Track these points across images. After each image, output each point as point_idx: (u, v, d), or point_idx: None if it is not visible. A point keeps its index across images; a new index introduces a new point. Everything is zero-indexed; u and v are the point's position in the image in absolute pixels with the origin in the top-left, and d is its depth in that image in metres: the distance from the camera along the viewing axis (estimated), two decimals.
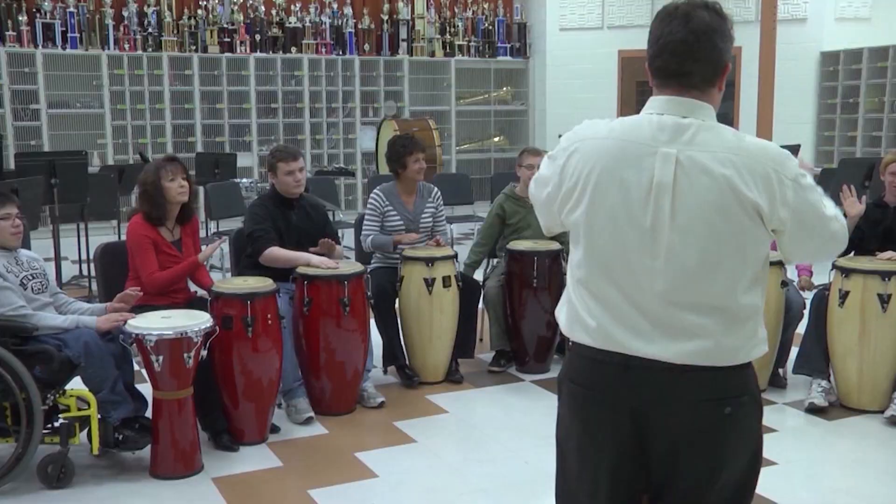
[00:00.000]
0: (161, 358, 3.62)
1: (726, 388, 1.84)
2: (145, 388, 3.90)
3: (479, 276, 5.40)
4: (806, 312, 4.76)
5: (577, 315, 1.91)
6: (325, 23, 11.63)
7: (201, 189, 8.59)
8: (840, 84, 11.31)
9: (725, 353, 1.83)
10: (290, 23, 11.44)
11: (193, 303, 4.24)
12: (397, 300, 4.95)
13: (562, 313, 1.98)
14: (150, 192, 4.14)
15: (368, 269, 4.83)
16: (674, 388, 1.82)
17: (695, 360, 1.81)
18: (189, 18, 10.97)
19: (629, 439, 1.86)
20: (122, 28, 10.58)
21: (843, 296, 4.41)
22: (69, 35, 10.29)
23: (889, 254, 4.46)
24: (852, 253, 4.60)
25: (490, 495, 3.63)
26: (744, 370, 1.87)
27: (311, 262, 4.46)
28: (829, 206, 1.90)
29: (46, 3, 10.18)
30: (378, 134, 10.67)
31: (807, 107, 11.54)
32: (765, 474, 3.81)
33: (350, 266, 4.62)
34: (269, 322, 4.08)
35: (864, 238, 4.62)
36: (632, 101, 12.19)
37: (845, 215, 3.89)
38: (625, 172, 1.82)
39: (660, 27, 1.86)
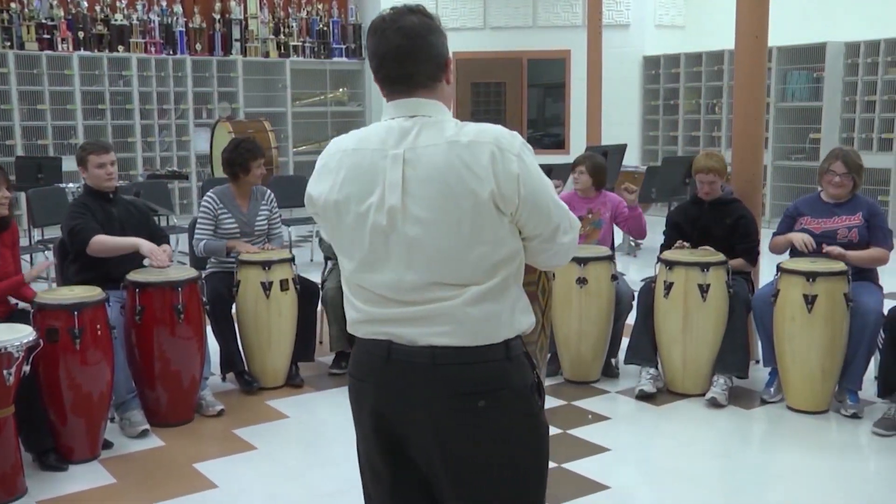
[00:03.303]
0: None
1: (481, 382, 1.88)
2: None
3: (316, 277, 5.35)
4: (635, 304, 4.99)
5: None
6: (153, 21, 11.22)
7: (23, 195, 8.13)
8: (661, 87, 11.93)
9: (475, 330, 1.87)
10: (115, 20, 10.95)
11: (13, 316, 3.99)
12: (234, 305, 4.85)
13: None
14: None
15: (203, 275, 4.71)
16: (429, 383, 1.88)
17: (447, 341, 1.86)
18: (1, 12, 10.31)
19: (389, 430, 1.95)
20: None
21: (668, 287, 4.65)
22: None
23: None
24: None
25: (333, 499, 3.60)
26: (500, 364, 1.90)
27: (141, 247, 4.30)
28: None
29: None
30: (212, 136, 10.38)
31: (632, 108, 12.11)
32: (599, 460, 4.00)
33: (184, 272, 4.48)
34: (99, 332, 3.91)
35: (684, 234, 4.90)
36: (467, 101, 12.40)
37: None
38: (364, 177, 1.89)
39: (375, 40, 1.92)
